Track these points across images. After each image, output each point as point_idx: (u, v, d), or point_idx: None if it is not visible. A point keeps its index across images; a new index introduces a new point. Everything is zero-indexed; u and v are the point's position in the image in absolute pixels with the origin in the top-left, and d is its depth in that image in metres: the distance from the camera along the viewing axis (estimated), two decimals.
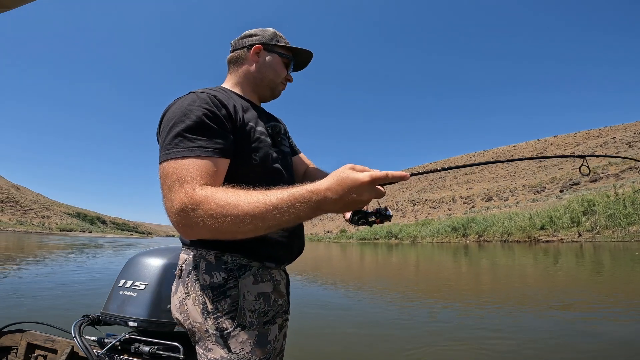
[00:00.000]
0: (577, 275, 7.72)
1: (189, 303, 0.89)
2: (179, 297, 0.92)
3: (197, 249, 0.93)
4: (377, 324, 4.07)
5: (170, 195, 0.76)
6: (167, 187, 0.77)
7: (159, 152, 0.85)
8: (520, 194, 41.98)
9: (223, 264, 0.90)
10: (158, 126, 0.92)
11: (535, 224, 21.48)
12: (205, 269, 0.89)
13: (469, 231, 26.84)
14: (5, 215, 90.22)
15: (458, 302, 5.30)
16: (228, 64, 1.14)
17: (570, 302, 4.94)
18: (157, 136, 0.92)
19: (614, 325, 3.79)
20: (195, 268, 0.91)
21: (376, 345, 3.32)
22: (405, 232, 34.41)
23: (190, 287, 0.90)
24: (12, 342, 1.46)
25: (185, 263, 0.93)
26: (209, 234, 0.75)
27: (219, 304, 0.87)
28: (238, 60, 1.12)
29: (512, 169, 61.89)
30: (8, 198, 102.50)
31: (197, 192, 0.74)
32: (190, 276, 0.90)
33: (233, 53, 1.13)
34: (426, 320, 4.25)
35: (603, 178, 32.72)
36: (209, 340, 0.86)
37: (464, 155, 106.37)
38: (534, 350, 3.08)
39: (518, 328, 3.75)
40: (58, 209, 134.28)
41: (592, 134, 70.39)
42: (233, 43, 1.14)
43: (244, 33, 1.14)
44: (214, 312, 0.86)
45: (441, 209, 51.61)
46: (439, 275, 8.94)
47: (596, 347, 3.09)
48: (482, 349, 3.11)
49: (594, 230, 18.24)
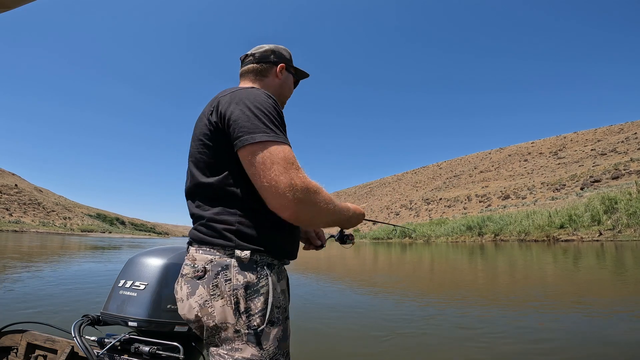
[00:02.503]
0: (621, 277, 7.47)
1: (217, 304, 0.88)
2: (200, 299, 0.90)
3: (225, 248, 0.93)
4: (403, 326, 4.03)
5: (290, 174, 0.86)
6: (282, 166, 0.86)
7: (236, 128, 0.91)
8: (538, 191, 40.95)
9: (254, 263, 0.93)
10: (227, 105, 0.95)
11: (554, 222, 20.93)
12: (238, 269, 0.91)
13: (485, 230, 26.36)
14: (28, 217, 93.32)
15: (496, 303, 5.20)
16: (249, 73, 1.22)
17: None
18: (223, 112, 0.95)
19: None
20: (225, 268, 0.91)
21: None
22: (419, 231, 34.05)
23: (220, 287, 0.89)
24: (12, 342, 1.47)
25: (212, 264, 0.92)
26: (315, 215, 0.92)
27: (252, 303, 0.89)
28: (262, 72, 1.21)
29: (530, 166, 60.47)
30: (31, 200, 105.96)
31: (312, 180, 0.91)
32: (219, 277, 0.90)
33: (258, 65, 1.21)
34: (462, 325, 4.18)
35: (625, 175, 31.65)
36: (239, 340, 0.87)
37: (480, 153, 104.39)
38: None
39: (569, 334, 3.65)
40: (79, 210, 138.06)
41: (613, 130, 68.10)
42: (258, 55, 1.22)
43: (266, 48, 1.23)
44: (246, 311, 0.88)
45: (456, 208, 50.82)
46: (459, 276, 8.80)
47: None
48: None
49: (616, 229, 17.65)
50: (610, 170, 35.21)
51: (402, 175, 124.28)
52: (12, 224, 74.97)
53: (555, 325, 3.81)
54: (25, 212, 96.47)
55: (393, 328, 3.87)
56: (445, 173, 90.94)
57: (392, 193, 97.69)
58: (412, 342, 3.37)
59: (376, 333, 3.66)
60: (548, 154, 64.86)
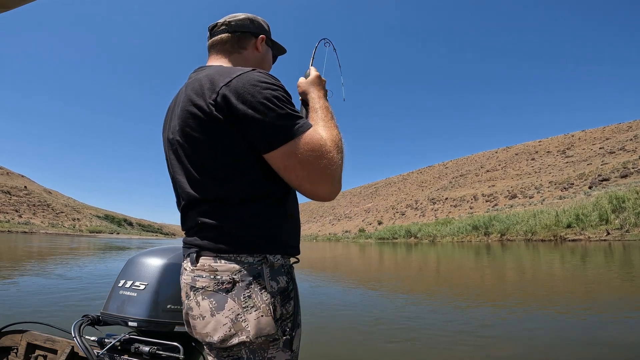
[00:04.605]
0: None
1: (251, 317, 0.81)
2: (231, 313, 0.81)
3: (254, 255, 0.85)
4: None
5: (325, 155, 0.84)
6: (317, 154, 0.83)
7: (256, 127, 0.82)
8: (546, 191, 40.52)
9: (282, 267, 0.89)
10: (239, 97, 0.82)
11: (561, 222, 20.70)
12: (270, 275, 0.85)
13: (491, 230, 26.14)
14: (37, 218, 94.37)
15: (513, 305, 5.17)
16: (224, 44, 1.05)
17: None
18: (239, 107, 0.81)
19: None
20: (258, 276, 0.84)
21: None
22: (424, 231, 33.90)
23: (255, 297, 0.82)
24: (12, 342, 1.48)
25: (240, 274, 0.83)
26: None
27: (285, 309, 0.86)
28: (240, 44, 1.06)
29: (538, 165, 59.86)
30: (40, 202, 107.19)
31: (326, 142, 0.90)
32: (252, 286, 0.83)
33: (232, 34, 1.05)
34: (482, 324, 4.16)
35: (634, 173, 31.21)
36: (273, 349, 0.83)
37: (486, 152, 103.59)
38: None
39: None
40: (87, 211, 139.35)
41: (621, 128, 67.19)
42: (234, 23, 1.06)
43: (243, 16, 1.08)
44: (281, 317, 0.85)
45: (462, 208, 50.47)
46: (467, 277, 8.74)
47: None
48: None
49: (624, 228, 17.40)
50: (618, 169, 34.73)
51: (407, 175, 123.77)
52: (21, 225, 75.93)
53: (561, 327, 3.78)
54: (34, 214, 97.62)
55: (413, 330, 3.86)
56: (452, 172, 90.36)
57: (397, 193, 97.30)
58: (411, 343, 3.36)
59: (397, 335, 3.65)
60: (556, 153, 64.15)
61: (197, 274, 0.86)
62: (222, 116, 0.83)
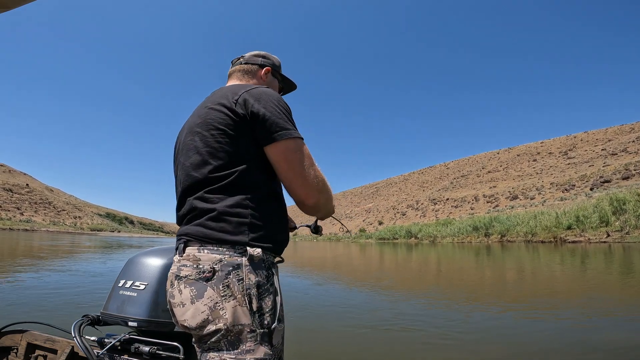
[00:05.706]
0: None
1: (228, 306, 0.86)
2: (210, 301, 0.87)
3: (236, 247, 0.91)
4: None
5: (314, 167, 1.02)
6: (310, 161, 1.01)
7: (272, 124, 0.98)
8: (547, 192, 40.45)
9: (263, 262, 0.94)
10: (255, 101, 1.00)
11: (561, 223, 20.65)
12: (249, 268, 0.90)
13: (491, 231, 26.11)
14: (39, 216, 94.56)
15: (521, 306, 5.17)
16: (238, 72, 1.29)
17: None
18: (255, 108, 0.99)
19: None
20: (237, 267, 0.89)
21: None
22: (424, 231, 33.85)
23: (232, 288, 0.87)
24: (12, 342, 1.47)
25: (221, 264, 0.89)
26: (327, 203, 1.08)
27: (264, 302, 0.90)
28: (249, 73, 1.28)
29: (539, 166, 59.76)
30: (42, 200, 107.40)
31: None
32: (230, 277, 0.88)
33: (245, 65, 1.28)
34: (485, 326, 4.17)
35: (636, 175, 31.15)
36: (251, 341, 0.86)
37: (488, 153, 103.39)
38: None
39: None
40: (89, 209, 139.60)
41: (624, 129, 66.97)
42: (247, 57, 1.30)
43: (256, 52, 1.32)
44: (259, 310, 0.89)
45: (463, 208, 50.42)
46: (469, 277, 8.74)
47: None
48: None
49: (624, 230, 17.37)
50: (620, 171, 34.65)
51: (408, 175, 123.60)
52: (23, 222, 76.04)
53: (559, 327, 3.78)
54: (36, 212, 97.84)
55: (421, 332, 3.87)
56: (453, 173, 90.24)
57: (398, 193, 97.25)
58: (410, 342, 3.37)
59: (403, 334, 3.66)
60: (558, 154, 64.01)
61: (182, 263, 0.93)
62: (240, 111, 0.99)
